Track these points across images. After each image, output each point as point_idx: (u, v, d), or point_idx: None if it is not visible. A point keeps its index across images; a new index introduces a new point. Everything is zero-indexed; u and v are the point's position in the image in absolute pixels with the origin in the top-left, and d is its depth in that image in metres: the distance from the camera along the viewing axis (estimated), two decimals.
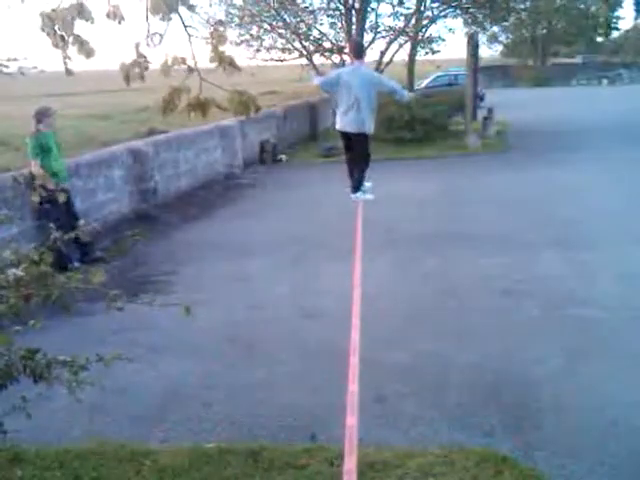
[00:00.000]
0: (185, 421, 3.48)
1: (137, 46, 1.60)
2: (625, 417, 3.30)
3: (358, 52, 6.08)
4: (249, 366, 4.14)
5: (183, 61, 1.59)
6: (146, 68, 1.62)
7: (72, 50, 1.63)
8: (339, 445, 3.14)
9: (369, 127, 6.17)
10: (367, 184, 6.61)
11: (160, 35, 1.53)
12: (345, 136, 6.41)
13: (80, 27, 1.59)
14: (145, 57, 1.60)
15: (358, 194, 6.46)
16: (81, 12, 1.53)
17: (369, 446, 3.06)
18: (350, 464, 2.14)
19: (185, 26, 1.53)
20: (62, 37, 1.58)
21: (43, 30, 1.57)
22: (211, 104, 1.71)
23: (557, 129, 16.73)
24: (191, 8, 1.54)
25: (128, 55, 1.64)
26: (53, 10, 1.55)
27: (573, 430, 3.21)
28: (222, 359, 4.28)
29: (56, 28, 1.53)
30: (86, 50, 1.60)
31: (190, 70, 1.61)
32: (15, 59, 2.27)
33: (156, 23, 1.53)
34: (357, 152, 6.47)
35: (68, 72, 1.64)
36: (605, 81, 39.81)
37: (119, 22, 1.57)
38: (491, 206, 8.41)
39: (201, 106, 1.69)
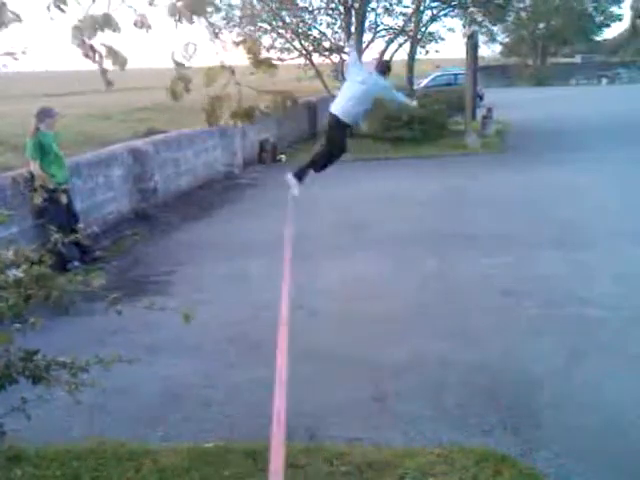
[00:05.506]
0: (185, 421, 3.49)
1: (172, 55, 1.61)
2: (625, 416, 3.30)
3: (382, 70, 7.02)
4: (249, 366, 4.14)
5: (230, 69, 1.60)
6: (190, 81, 1.64)
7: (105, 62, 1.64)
8: (339, 445, 3.14)
9: (354, 121, 6.88)
10: (295, 181, 6.93)
11: (194, 45, 1.54)
12: (334, 121, 6.78)
13: (108, 36, 1.60)
14: (183, 65, 1.61)
15: (295, 180, 6.88)
16: (107, 22, 1.54)
17: (369, 446, 3.07)
18: (277, 463, 1.87)
19: (216, 32, 1.54)
20: (91, 47, 1.58)
21: (73, 42, 1.58)
22: (255, 110, 1.72)
23: (556, 129, 16.73)
24: (217, 10, 1.55)
25: (164, 63, 1.67)
26: (80, 20, 1.55)
27: (573, 430, 3.21)
28: (222, 359, 4.28)
29: (84, 39, 1.54)
30: (120, 61, 1.61)
31: (232, 74, 1.62)
32: (13, 53, 2.27)
33: (187, 33, 1.56)
34: (332, 141, 6.91)
35: (108, 84, 1.65)
36: (604, 80, 39.86)
37: (147, 30, 1.58)
38: (491, 206, 8.42)
39: (246, 114, 1.70)
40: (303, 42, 17.34)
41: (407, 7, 17.87)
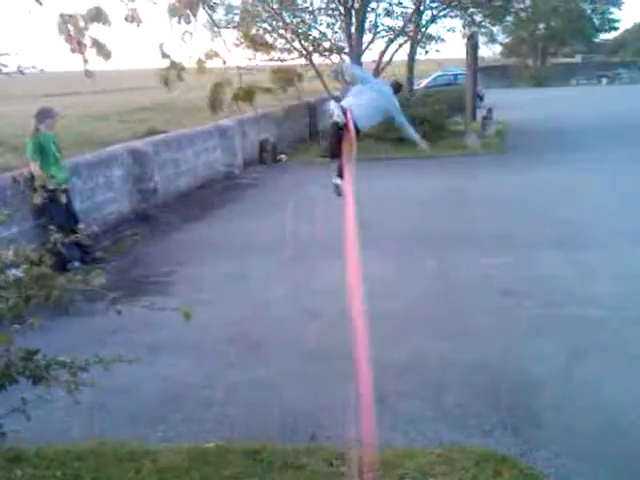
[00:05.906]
0: (185, 421, 3.49)
1: (161, 46, 1.63)
2: (625, 416, 3.30)
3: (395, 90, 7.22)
4: (249, 366, 4.14)
5: (217, 54, 1.63)
6: (182, 69, 1.67)
7: (90, 52, 1.67)
8: (339, 445, 3.14)
9: (362, 127, 6.66)
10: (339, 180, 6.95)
11: (190, 33, 1.57)
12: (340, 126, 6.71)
13: (97, 29, 1.62)
14: (170, 56, 1.64)
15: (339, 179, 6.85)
16: (98, 16, 1.56)
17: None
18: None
19: (215, 24, 1.57)
20: (79, 42, 1.61)
21: (60, 34, 1.60)
22: (257, 90, 1.76)
23: (556, 129, 16.73)
24: (212, 8, 1.58)
25: (151, 55, 1.70)
26: (70, 16, 1.57)
27: (573, 430, 3.21)
28: (222, 359, 4.28)
29: (72, 33, 1.56)
30: (104, 53, 1.63)
31: (224, 62, 1.66)
32: (8, 54, 2.28)
33: (179, 22, 1.57)
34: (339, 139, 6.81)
35: (88, 74, 1.68)
36: (604, 81, 39.83)
37: (137, 25, 1.60)
38: (491, 206, 8.42)
39: (247, 94, 1.74)
40: (303, 42, 17.32)
41: (407, 8, 17.88)
